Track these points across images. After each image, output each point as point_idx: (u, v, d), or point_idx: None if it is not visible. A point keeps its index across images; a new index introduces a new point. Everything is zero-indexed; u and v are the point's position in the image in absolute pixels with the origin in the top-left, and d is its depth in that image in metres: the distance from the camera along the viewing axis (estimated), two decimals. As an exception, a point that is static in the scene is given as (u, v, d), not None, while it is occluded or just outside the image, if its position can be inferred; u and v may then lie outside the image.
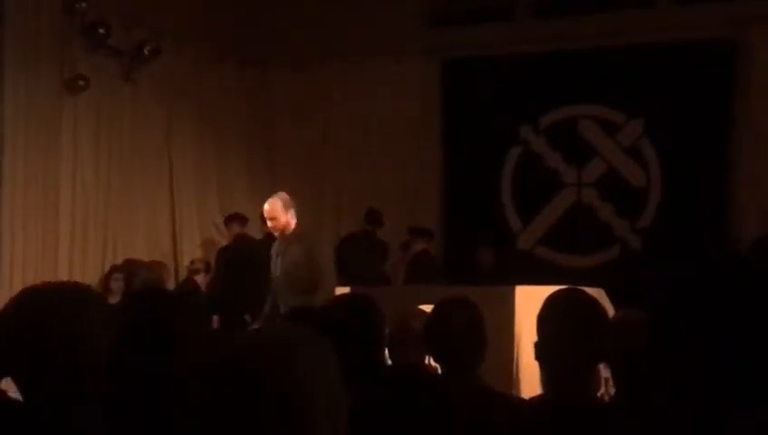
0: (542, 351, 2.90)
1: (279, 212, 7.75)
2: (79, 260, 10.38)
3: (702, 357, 1.56)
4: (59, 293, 2.30)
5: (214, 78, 12.21)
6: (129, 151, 11.06)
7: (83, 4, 10.13)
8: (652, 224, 11.43)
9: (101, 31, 10.41)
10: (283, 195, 7.87)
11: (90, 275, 10.21)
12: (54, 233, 10.10)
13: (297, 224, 7.82)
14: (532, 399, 3.18)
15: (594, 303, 3.00)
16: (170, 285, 10.84)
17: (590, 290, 3.27)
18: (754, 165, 10.87)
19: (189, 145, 11.89)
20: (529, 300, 6.63)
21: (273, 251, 7.93)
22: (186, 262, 11.39)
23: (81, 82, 10.28)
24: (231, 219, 11.32)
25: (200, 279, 10.91)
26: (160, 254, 11.31)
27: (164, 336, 3.06)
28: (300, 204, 11.71)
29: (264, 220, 9.99)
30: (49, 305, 2.23)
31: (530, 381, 6.21)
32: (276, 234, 7.90)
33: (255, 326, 8.00)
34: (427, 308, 3.91)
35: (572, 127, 11.84)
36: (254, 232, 11.21)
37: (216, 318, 9.84)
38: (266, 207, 7.87)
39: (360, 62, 12.52)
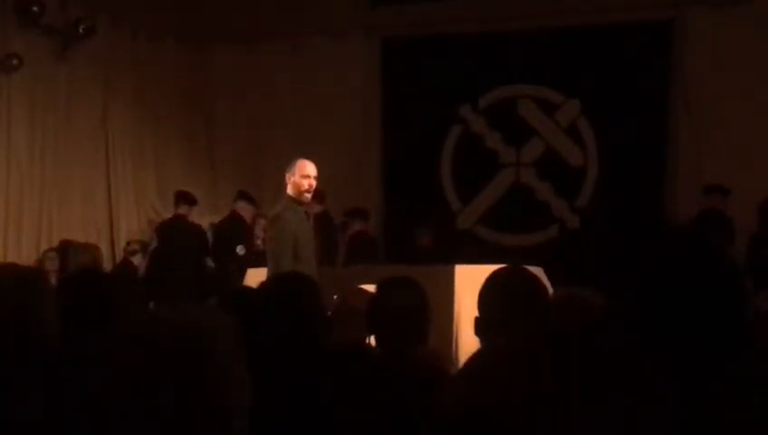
0: (482, 326, 2.92)
1: None
2: (13, 241, 10.21)
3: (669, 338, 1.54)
4: (13, 276, 2.24)
5: (152, 57, 12.04)
6: (64, 131, 10.88)
7: (16, -19, 9.96)
8: (590, 203, 11.54)
9: (35, 9, 10.22)
10: None
11: (24, 257, 10.04)
12: (-13, 214, 9.94)
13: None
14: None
15: (535, 280, 3.02)
16: (106, 266, 10.72)
17: (529, 268, 3.29)
18: (691, 143, 11.02)
19: (126, 125, 11.72)
20: (468, 279, 6.68)
21: (299, 216, 7.06)
22: (122, 243, 11.26)
23: (15, 61, 10.09)
24: (180, 197, 11.04)
25: (137, 260, 10.81)
26: (97, 235, 11.17)
27: (101, 318, 3.02)
28: (240, 183, 11.71)
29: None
30: (3, 288, 2.17)
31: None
32: (307, 197, 7.19)
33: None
34: (370, 287, 3.89)
35: (511, 107, 11.89)
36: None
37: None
38: (313, 166, 7.29)
39: (301, 40, 12.43)
